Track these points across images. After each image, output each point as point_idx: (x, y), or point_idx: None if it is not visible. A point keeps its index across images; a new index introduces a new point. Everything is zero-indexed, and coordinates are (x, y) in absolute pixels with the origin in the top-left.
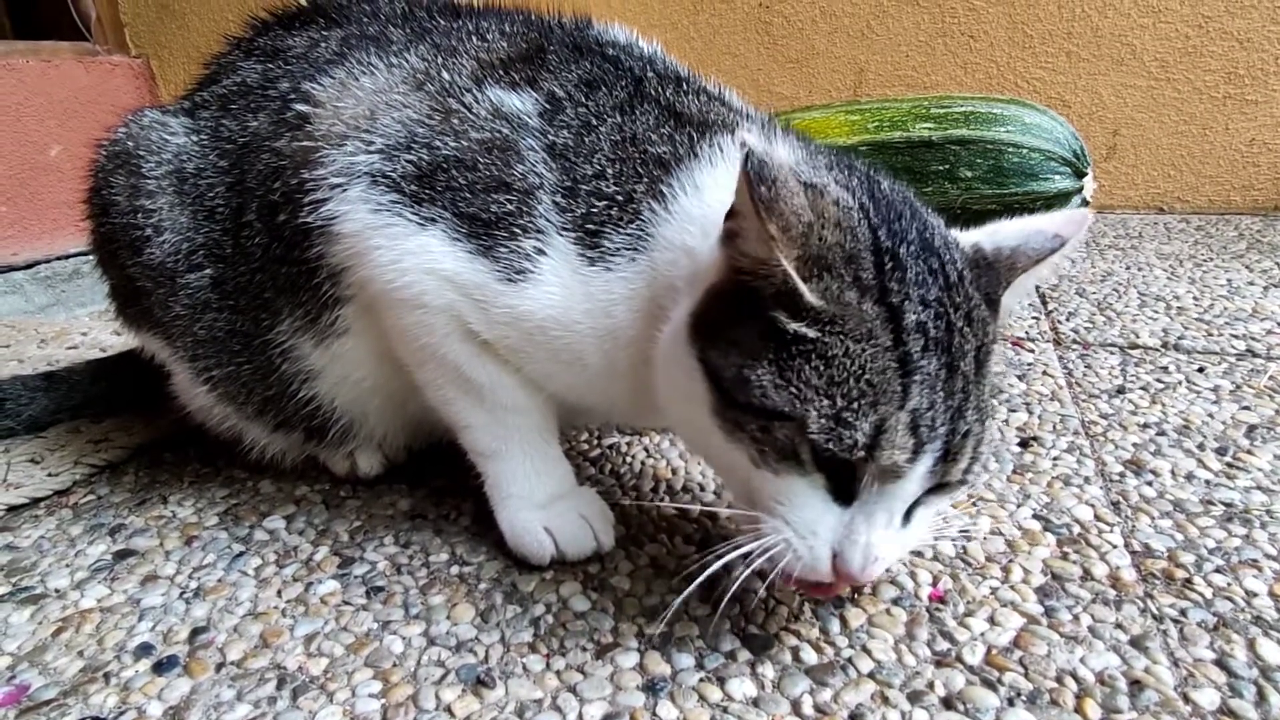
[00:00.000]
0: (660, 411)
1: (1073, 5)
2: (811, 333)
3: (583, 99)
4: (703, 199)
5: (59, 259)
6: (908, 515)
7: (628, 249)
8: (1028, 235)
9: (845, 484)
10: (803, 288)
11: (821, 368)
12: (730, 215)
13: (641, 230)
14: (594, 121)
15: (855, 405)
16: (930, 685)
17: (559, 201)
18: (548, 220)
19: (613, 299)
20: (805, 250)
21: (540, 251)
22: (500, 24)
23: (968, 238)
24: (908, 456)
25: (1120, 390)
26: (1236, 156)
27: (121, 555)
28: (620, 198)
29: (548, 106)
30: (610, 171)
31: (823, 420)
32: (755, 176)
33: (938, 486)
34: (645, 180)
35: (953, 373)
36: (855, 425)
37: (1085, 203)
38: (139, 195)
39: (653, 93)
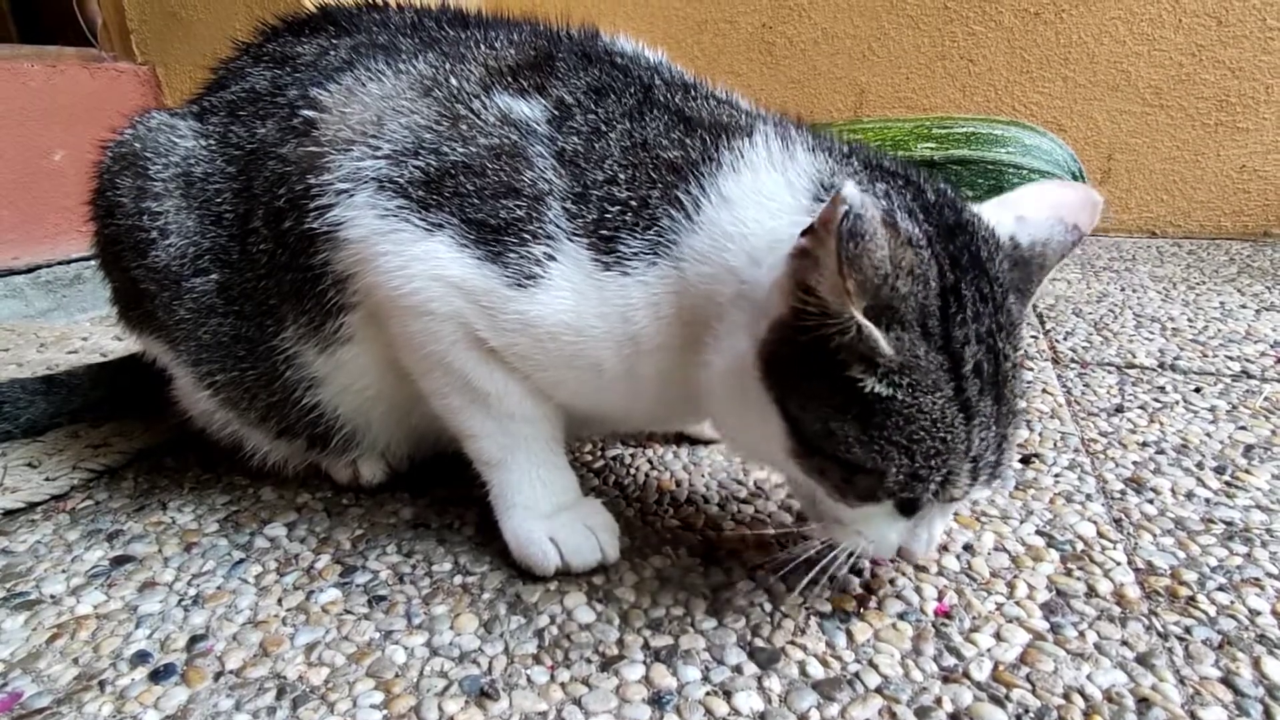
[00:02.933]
0: (681, 419)
1: (1070, 32)
2: (887, 390)
3: (592, 106)
4: (735, 214)
5: (60, 264)
6: None
7: (646, 254)
8: (1052, 225)
9: (911, 506)
10: (880, 339)
11: (902, 424)
12: (800, 253)
13: (660, 237)
14: (603, 128)
15: (931, 462)
16: (938, 701)
17: (569, 207)
18: (558, 226)
19: (631, 304)
20: (876, 300)
21: (550, 257)
22: (509, 33)
23: (1004, 226)
24: (964, 491)
25: (1119, 409)
26: (1227, 182)
27: (119, 561)
28: (634, 203)
29: (556, 113)
30: (622, 177)
31: (900, 476)
32: (848, 234)
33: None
34: (659, 186)
35: (1000, 403)
36: (928, 479)
37: None
38: (145, 197)
39: (661, 99)
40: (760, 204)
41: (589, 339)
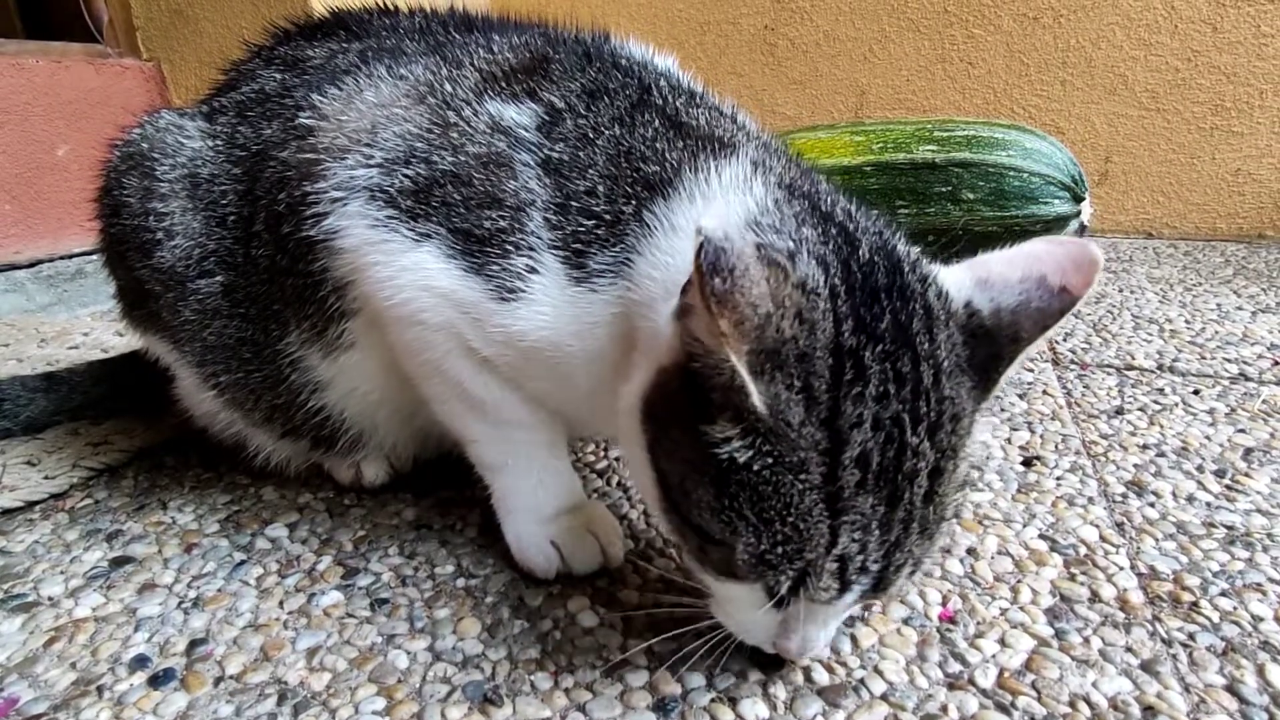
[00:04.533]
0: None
1: (1067, 36)
2: (744, 456)
3: (583, 110)
4: (673, 243)
5: (62, 258)
6: None
7: (611, 271)
8: (1028, 290)
9: (777, 597)
10: (752, 386)
11: (754, 499)
12: (685, 290)
13: (625, 254)
14: (591, 135)
15: (780, 550)
16: (944, 709)
17: (550, 219)
18: (539, 238)
19: (596, 321)
20: (759, 344)
21: (532, 270)
22: (512, 36)
23: (960, 291)
24: (832, 595)
25: (1119, 411)
26: (1222, 185)
27: (118, 562)
28: (608, 217)
29: (546, 118)
30: (602, 189)
31: (747, 556)
32: (709, 268)
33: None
34: (634, 202)
35: (894, 506)
36: (779, 569)
37: (1083, 227)
38: (151, 198)
39: (658, 103)
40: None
41: (564, 354)
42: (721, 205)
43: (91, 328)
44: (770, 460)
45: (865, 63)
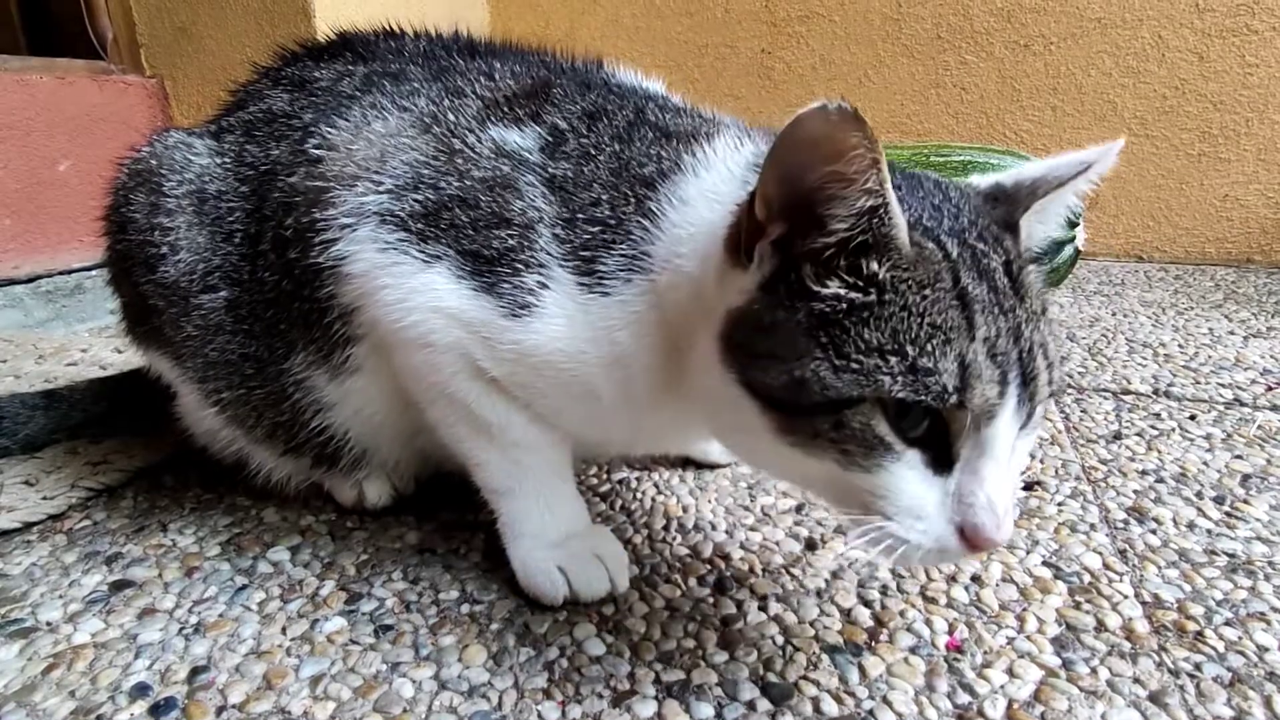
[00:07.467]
0: (685, 442)
1: (1058, 64)
2: (867, 297)
3: (584, 130)
4: (688, 215)
5: (61, 273)
6: None
7: (621, 271)
8: (1054, 164)
9: (942, 450)
10: (893, 199)
11: (884, 327)
12: (769, 191)
13: (634, 250)
14: (593, 152)
15: (930, 347)
16: None
17: (558, 233)
18: (548, 253)
19: (612, 324)
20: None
21: (543, 285)
22: (512, 64)
23: (989, 178)
24: (998, 390)
25: (1117, 436)
26: (1211, 210)
27: (118, 586)
28: (612, 221)
29: (549, 140)
30: (605, 198)
31: (901, 377)
32: (831, 106)
33: (1024, 424)
34: (633, 200)
35: (996, 293)
36: (938, 368)
37: (1078, 251)
38: (158, 213)
39: (652, 119)
40: (709, 202)
41: (582, 365)
42: (724, 163)
43: (90, 344)
44: (906, 284)
45: (860, 87)
